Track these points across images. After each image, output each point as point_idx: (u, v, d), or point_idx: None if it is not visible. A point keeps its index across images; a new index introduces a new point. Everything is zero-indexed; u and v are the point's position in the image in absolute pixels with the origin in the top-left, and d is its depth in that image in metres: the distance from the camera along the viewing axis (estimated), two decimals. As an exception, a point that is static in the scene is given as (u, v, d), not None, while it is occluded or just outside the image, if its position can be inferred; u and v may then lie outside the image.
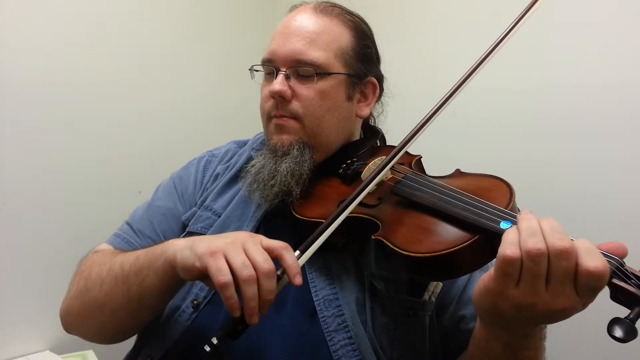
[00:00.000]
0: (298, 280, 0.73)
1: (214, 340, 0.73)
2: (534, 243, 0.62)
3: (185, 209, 1.06)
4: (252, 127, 1.23)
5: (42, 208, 1.50)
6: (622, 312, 0.61)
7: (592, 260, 0.60)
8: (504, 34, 0.88)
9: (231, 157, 1.13)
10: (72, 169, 1.56)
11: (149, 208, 1.08)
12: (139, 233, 1.03)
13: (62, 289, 1.44)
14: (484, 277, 0.69)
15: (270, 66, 0.98)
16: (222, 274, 0.70)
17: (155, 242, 1.00)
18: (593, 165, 1.33)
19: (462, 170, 0.92)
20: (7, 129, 1.43)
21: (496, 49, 0.87)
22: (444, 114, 0.87)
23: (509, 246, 0.64)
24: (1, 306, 1.42)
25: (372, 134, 1.12)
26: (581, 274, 0.61)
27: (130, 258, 0.87)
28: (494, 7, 1.51)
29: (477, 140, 1.55)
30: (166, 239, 1.01)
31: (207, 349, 0.73)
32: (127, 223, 1.07)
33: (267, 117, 1.00)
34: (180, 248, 0.78)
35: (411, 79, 1.35)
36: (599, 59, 1.32)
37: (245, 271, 0.70)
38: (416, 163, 0.98)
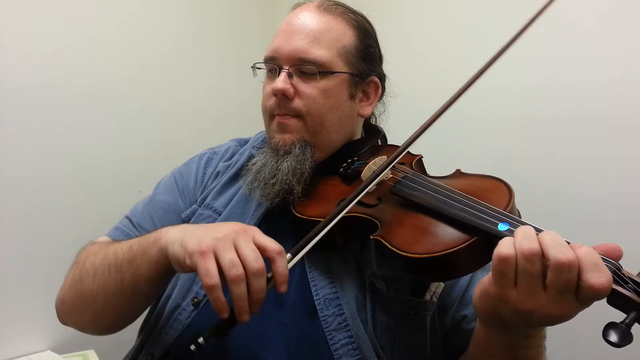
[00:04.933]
0: (283, 288, 0.72)
1: (200, 340, 0.72)
2: (529, 243, 0.63)
3: (186, 205, 1.06)
4: (252, 127, 1.24)
5: (42, 208, 1.50)
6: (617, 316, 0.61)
7: (598, 278, 0.60)
8: (512, 38, 0.84)
9: (232, 155, 1.12)
10: (72, 168, 1.56)
11: (150, 203, 1.07)
12: (138, 227, 1.03)
13: (63, 288, 1.47)
14: (483, 281, 0.69)
15: (273, 64, 0.98)
16: (209, 276, 0.69)
17: None
18: (592, 163, 1.32)
19: (463, 170, 0.91)
20: (7, 129, 1.43)
21: (506, 49, 0.84)
22: (446, 114, 0.86)
23: (503, 246, 0.65)
24: (2, 306, 1.42)
25: (373, 133, 1.12)
26: (584, 288, 0.60)
27: (124, 247, 0.86)
28: (495, 6, 1.51)
29: (476, 138, 1.55)
30: None
31: (193, 348, 0.72)
32: (127, 217, 1.06)
33: (270, 116, 1.00)
34: (172, 241, 0.77)
35: (411, 79, 1.35)
36: (598, 56, 1.31)
37: (233, 270, 0.69)
38: (417, 163, 0.97)
